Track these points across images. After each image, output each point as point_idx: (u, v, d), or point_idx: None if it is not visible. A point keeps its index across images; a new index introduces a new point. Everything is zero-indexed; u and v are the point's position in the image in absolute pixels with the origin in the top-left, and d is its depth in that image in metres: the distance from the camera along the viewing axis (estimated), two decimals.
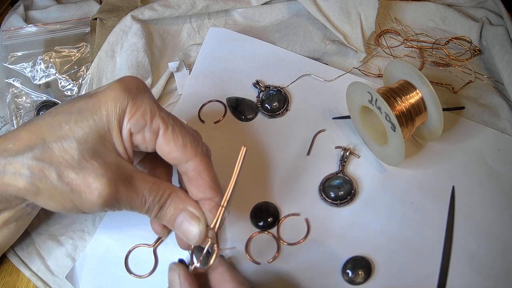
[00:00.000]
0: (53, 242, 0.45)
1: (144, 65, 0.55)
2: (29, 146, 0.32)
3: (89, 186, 0.32)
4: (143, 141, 0.35)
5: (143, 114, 0.34)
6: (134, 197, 0.34)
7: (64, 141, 0.32)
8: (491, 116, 0.54)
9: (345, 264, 0.43)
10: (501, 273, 0.43)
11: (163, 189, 0.35)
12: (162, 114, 0.35)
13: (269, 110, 0.53)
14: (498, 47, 0.57)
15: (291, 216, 0.46)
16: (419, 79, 0.45)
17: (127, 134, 0.34)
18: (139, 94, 0.34)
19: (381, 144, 0.48)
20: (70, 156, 0.32)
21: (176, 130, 0.35)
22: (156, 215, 0.35)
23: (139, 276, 0.43)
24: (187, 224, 0.35)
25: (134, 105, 0.34)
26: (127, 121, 0.34)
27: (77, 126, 0.32)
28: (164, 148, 0.35)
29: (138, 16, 0.56)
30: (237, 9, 0.62)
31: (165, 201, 0.35)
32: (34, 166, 0.32)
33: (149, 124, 0.34)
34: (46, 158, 0.32)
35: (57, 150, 0.32)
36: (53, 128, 0.32)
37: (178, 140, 0.35)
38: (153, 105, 0.35)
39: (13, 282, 0.44)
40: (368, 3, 0.58)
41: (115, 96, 0.33)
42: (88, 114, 0.33)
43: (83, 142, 0.32)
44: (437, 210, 0.46)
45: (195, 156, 0.35)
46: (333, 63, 0.59)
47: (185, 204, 0.36)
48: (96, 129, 0.33)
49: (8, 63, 0.54)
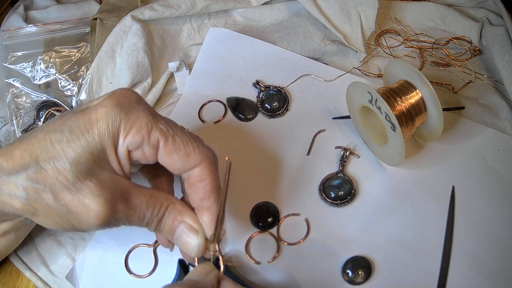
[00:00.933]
0: (53, 242, 0.45)
1: (144, 65, 0.55)
2: (23, 166, 0.31)
3: (86, 207, 0.31)
4: (143, 156, 0.34)
5: (139, 130, 0.32)
6: (132, 213, 0.33)
7: (56, 161, 0.31)
8: (491, 116, 0.54)
9: (345, 264, 0.43)
10: (501, 273, 0.43)
11: (161, 202, 0.34)
12: (160, 126, 0.33)
13: (269, 110, 0.53)
14: (498, 47, 0.57)
15: (291, 216, 0.46)
16: (419, 79, 0.45)
17: (125, 151, 0.33)
18: (132, 108, 0.33)
19: (381, 144, 0.48)
20: (64, 177, 0.31)
21: (177, 139, 0.33)
22: (156, 228, 0.35)
23: (139, 276, 0.43)
24: (186, 237, 0.35)
25: (128, 121, 0.32)
26: (123, 140, 0.32)
27: (68, 147, 0.31)
28: (166, 160, 0.34)
29: (138, 16, 0.56)
30: (237, 9, 0.62)
31: (163, 214, 0.34)
32: (29, 187, 0.31)
33: (146, 139, 0.33)
34: (40, 179, 0.31)
35: (51, 171, 0.31)
36: (45, 147, 0.31)
37: (180, 151, 0.33)
38: (149, 118, 0.33)
39: (13, 282, 0.44)
40: (368, 3, 0.58)
41: (106, 113, 0.32)
42: (79, 134, 0.31)
43: (76, 163, 0.31)
44: (437, 210, 0.46)
45: (200, 164, 0.34)
46: (333, 63, 0.59)
47: (182, 216, 0.35)
48: (88, 149, 0.31)
49: (8, 63, 0.54)
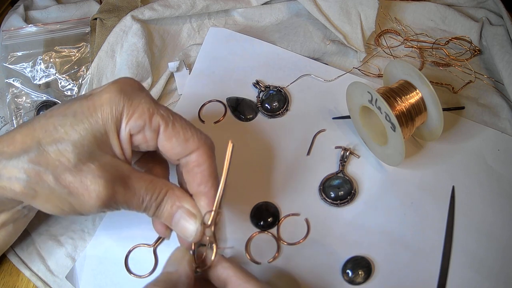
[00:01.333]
0: (53, 242, 0.45)
1: (144, 65, 0.55)
2: (24, 150, 0.32)
3: (87, 188, 0.32)
4: (144, 140, 0.35)
5: (141, 114, 0.34)
6: (131, 197, 0.34)
7: (59, 144, 0.32)
8: (491, 116, 0.54)
9: (345, 264, 0.43)
10: (501, 273, 0.43)
11: (160, 187, 0.35)
12: (161, 111, 0.35)
13: (269, 110, 0.53)
14: (498, 47, 0.57)
15: (291, 216, 0.46)
16: (419, 79, 0.45)
17: (127, 135, 0.34)
18: (135, 94, 0.34)
19: (381, 144, 0.48)
20: (66, 159, 0.32)
21: (177, 125, 0.35)
22: (154, 213, 0.36)
23: (139, 276, 0.43)
24: (184, 222, 0.35)
25: (131, 106, 0.34)
26: (125, 123, 0.34)
27: (72, 129, 0.32)
28: (166, 145, 0.35)
29: (138, 16, 0.56)
30: (237, 9, 0.62)
31: (162, 199, 0.35)
32: (30, 169, 0.31)
33: (148, 124, 0.34)
34: (42, 162, 0.31)
35: (53, 153, 0.32)
36: (48, 131, 0.32)
37: (180, 135, 0.35)
38: (151, 104, 0.34)
39: (13, 282, 0.44)
40: (368, 3, 0.58)
41: (110, 98, 0.33)
42: (83, 117, 0.32)
43: (79, 145, 0.32)
44: (437, 210, 0.46)
45: (198, 149, 0.35)
46: (333, 63, 0.59)
47: (181, 201, 0.36)
48: (92, 132, 0.32)
49: (8, 63, 0.54)
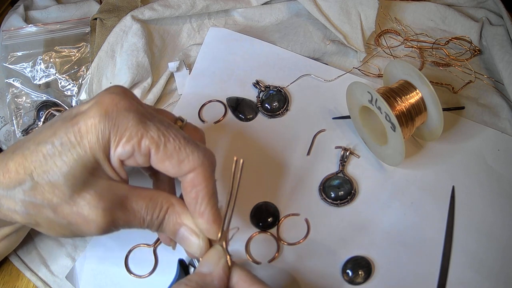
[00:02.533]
0: (53, 242, 0.45)
1: (144, 65, 0.55)
2: (19, 182, 0.31)
3: (85, 219, 0.31)
4: (136, 164, 0.33)
5: (128, 139, 0.31)
6: (131, 219, 0.33)
7: (51, 176, 0.31)
8: (491, 116, 0.54)
9: (345, 264, 0.43)
10: (501, 273, 0.43)
11: (160, 205, 0.34)
12: (151, 133, 0.32)
13: (269, 110, 0.53)
14: (498, 47, 0.57)
15: (291, 216, 0.46)
16: (419, 79, 0.45)
17: (117, 162, 0.32)
18: (120, 117, 0.32)
19: (381, 144, 0.48)
20: (60, 192, 0.31)
21: (169, 147, 0.32)
22: (157, 230, 0.35)
23: (139, 276, 0.43)
24: (188, 242, 0.35)
25: (118, 132, 0.31)
26: (113, 151, 0.32)
27: (61, 160, 0.31)
28: (159, 167, 0.33)
29: (138, 16, 0.56)
30: (237, 9, 0.62)
31: (163, 218, 0.34)
32: (27, 203, 0.31)
33: (137, 149, 0.32)
34: (38, 195, 0.31)
35: (46, 186, 0.31)
36: (38, 161, 0.31)
37: (173, 158, 0.32)
38: (139, 126, 0.32)
39: (13, 282, 0.44)
40: (368, 3, 0.58)
41: (95, 125, 0.31)
42: (70, 147, 0.31)
43: (70, 177, 0.31)
44: (437, 210, 0.46)
45: (194, 170, 0.33)
46: (333, 63, 0.59)
47: (182, 218, 0.34)
48: (81, 162, 0.31)
49: (8, 63, 0.54)
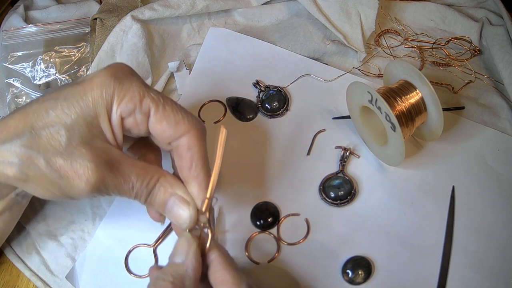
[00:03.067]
0: (53, 242, 0.45)
1: (144, 65, 0.55)
2: (17, 134, 0.32)
3: (77, 172, 0.32)
4: (135, 124, 0.35)
5: (132, 97, 0.34)
6: (121, 182, 0.34)
7: (51, 127, 0.32)
8: (491, 116, 0.54)
9: (345, 264, 0.43)
10: (501, 273, 0.43)
11: (151, 174, 0.35)
12: (152, 94, 0.35)
13: (269, 110, 0.53)
14: (498, 47, 0.57)
15: (291, 216, 0.46)
16: (419, 79, 0.45)
17: (118, 119, 0.34)
18: (125, 78, 0.35)
19: (381, 144, 0.48)
20: (57, 143, 0.32)
21: (167, 108, 0.35)
22: (146, 200, 0.35)
23: (139, 276, 0.43)
24: (177, 208, 0.35)
25: (122, 89, 0.34)
26: (116, 106, 0.34)
27: (63, 113, 0.32)
28: (156, 128, 0.35)
29: (138, 16, 0.56)
30: (237, 9, 0.62)
31: (153, 186, 0.35)
32: (23, 153, 0.32)
33: (138, 106, 0.34)
34: (34, 145, 0.32)
35: (45, 137, 0.32)
36: (40, 115, 0.33)
37: (170, 118, 0.35)
38: (142, 87, 0.35)
39: (13, 282, 0.44)
40: (368, 3, 0.58)
41: (101, 82, 0.33)
42: (74, 101, 0.33)
43: (70, 129, 0.32)
44: (437, 210, 0.46)
45: (188, 132, 0.35)
46: (333, 63, 0.59)
47: (174, 188, 0.35)
48: (82, 115, 0.33)
49: (8, 63, 0.54)
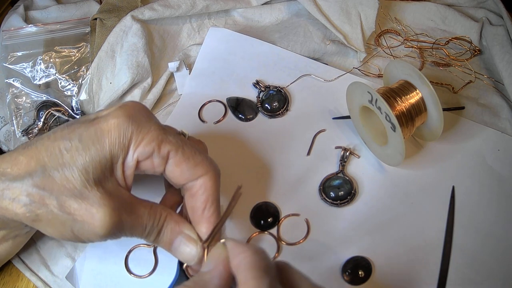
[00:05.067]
0: (53, 242, 0.45)
1: (144, 65, 0.55)
2: (29, 172, 0.31)
3: (93, 217, 0.31)
4: (151, 167, 0.34)
5: (150, 141, 0.33)
6: (135, 224, 0.33)
7: (65, 169, 0.31)
8: (491, 116, 0.54)
9: (345, 264, 0.43)
10: (501, 273, 0.43)
11: (160, 213, 0.35)
12: (171, 138, 0.34)
13: (269, 110, 0.53)
14: (498, 47, 0.57)
15: (291, 216, 0.46)
16: (419, 79, 0.45)
17: (134, 162, 0.33)
18: (144, 121, 0.34)
19: (381, 144, 0.48)
20: (72, 185, 0.31)
21: (186, 150, 0.34)
22: (155, 239, 0.35)
23: (139, 276, 0.43)
24: (184, 247, 0.35)
25: (140, 133, 0.33)
26: (133, 150, 0.33)
27: (78, 155, 0.31)
28: (175, 170, 0.34)
29: (138, 16, 0.56)
30: (237, 9, 0.62)
31: (162, 225, 0.35)
32: (34, 193, 0.31)
33: (157, 151, 0.33)
34: (47, 186, 0.31)
35: (58, 178, 0.31)
36: (53, 154, 0.32)
37: (189, 161, 0.34)
38: (160, 131, 0.34)
39: (13, 282, 0.44)
40: (368, 3, 0.58)
41: (118, 124, 0.32)
42: (89, 143, 0.32)
43: (84, 172, 0.31)
44: (437, 210, 0.46)
45: (206, 174, 0.35)
46: (333, 63, 0.59)
47: (181, 227, 0.35)
48: (98, 158, 0.32)
49: (8, 63, 0.54)
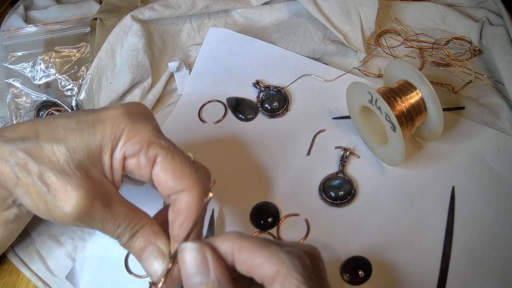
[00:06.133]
0: (53, 242, 0.45)
1: (144, 65, 0.55)
2: (22, 137, 0.33)
3: (66, 193, 0.31)
4: (137, 167, 0.34)
5: (140, 140, 0.34)
6: (108, 218, 0.33)
7: (55, 143, 0.33)
8: (491, 116, 0.54)
9: (345, 264, 0.43)
10: (501, 273, 0.43)
11: (139, 219, 0.34)
12: (162, 141, 0.34)
13: (269, 110, 0.53)
14: (498, 47, 0.57)
15: (291, 216, 0.46)
16: (419, 79, 0.45)
17: (120, 156, 0.34)
18: (140, 119, 0.34)
19: (381, 144, 0.48)
20: (56, 159, 0.32)
21: (176, 159, 0.34)
22: (126, 243, 0.34)
23: (139, 276, 0.43)
24: (153, 259, 0.34)
25: (133, 129, 0.34)
26: (122, 144, 0.34)
27: (71, 133, 0.33)
28: (160, 176, 0.34)
29: (138, 16, 0.56)
30: (237, 9, 0.62)
31: (137, 231, 0.34)
32: (20, 157, 0.32)
33: (145, 150, 0.33)
34: (34, 154, 0.32)
35: (46, 150, 0.32)
36: (50, 128, 0.33)
37: (177, 170, 0.34)
38: (154, 132, 0.34)
39: (13, 282, 0.44)
40: (368, 3, 0.58)
41: (115, 116, 0.34)
42: (84, 126, 0.33)
43: (71, 150, 0.33)
44: (437, 210, 0.46)
45: (191, 188, 0.33)
46: (333, 63, 0.59)
47: (156, 238, 0.34)
48: (87, 142, 0.33)
49: (8, 63, 0.54)
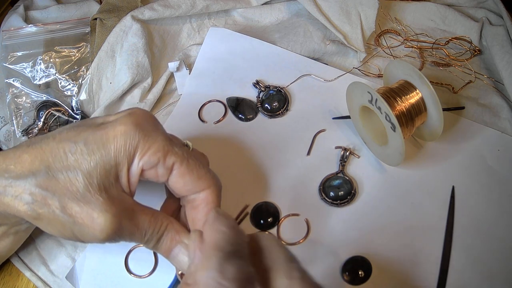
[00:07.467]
0: (53, 242, 0.45)
1: (144, 65, 0.55)
2: (33, 172, 0.32)
3: (93, 221, 0.31)
4: (155, 176, 0.35)
5: (156, 151, 0.33)
6: (135, 230, 0.33)
7: (69, 172, 0.32)
8: (491, 116, 0.54)
9: (345, 264, 0.43)
10: (501, 273, 0.43)
11: (161, 221, 0.35)
12: (176, 149, 0.34)
13: (269, 110, 0.53)
14: (498, 47, 0.57)
15: (291, 216, 0.46)
16: (419, 79, 0.45)
17: (138, 170, 0.34)
18: (151, 130, 0.34)
19: (381, 144, 0.48)
20: (75, 188, 0.31)
21: (191, 163, 0.35)
22: (154, 246, 0.35)
23: (139, 276, 0.43)
24: (183, 256, 0.35)
25: (147, 142, 0.33)
26: (139, 159, 0.33)
27: (83, 158, 0.32)
28: (178, 181, 0.35)
29: (138, 16, 0.56)
30: (237, 9, 0.62)
31: (162, 233, 0.35)
32: (37, 193, 0.31)
33: (162, 161, 0.34)
34: (50, 187, 0.31)
35: (62, 180, 0.31)
36: (58, 156, 0.32)
37: (193, 173, 0.35)
38: (167, 141, 0.34)
39: (13, 282, 0.44)
40: (368, 3, 0.58)
41: (125, 131, 0.33)
42: (95, 147, 0.32)
43: (88, 176, 0.32)
44: (437, 210, 0.46)
45: (209, 188, 0.36)
46: (333, 63, 0.59)
47: (180, 236, 0.35)
48: (102, 163, 0.32)
49: (8, 63, 0.54)
